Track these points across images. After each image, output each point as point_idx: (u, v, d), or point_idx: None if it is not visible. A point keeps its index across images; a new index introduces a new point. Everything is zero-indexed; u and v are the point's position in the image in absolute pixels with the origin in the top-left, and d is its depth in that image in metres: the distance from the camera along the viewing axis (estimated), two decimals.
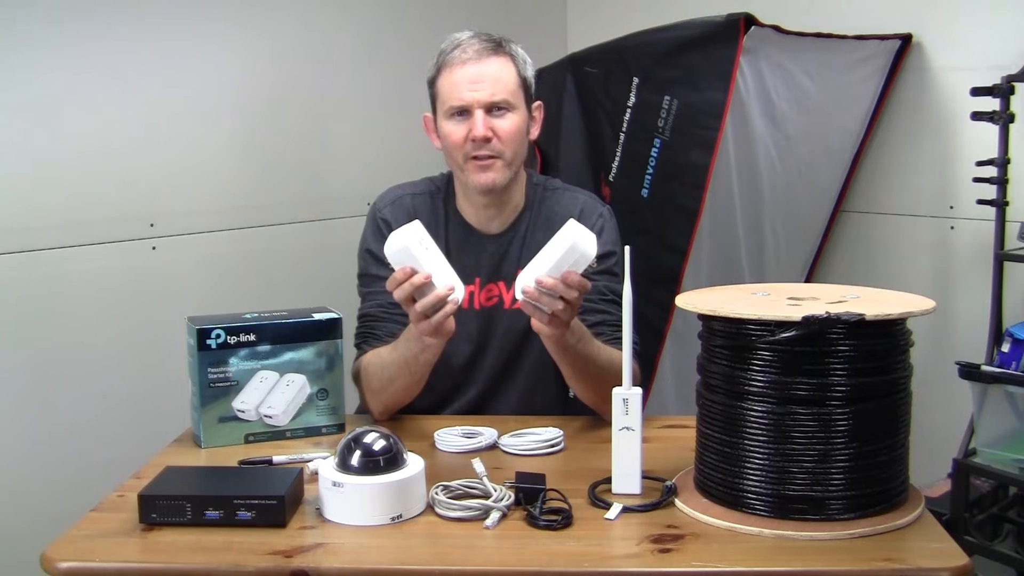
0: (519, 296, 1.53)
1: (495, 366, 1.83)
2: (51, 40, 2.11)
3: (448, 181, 1.86)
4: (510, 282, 1.81)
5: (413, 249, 1.51)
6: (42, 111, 2.12)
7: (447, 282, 1.54)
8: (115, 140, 2.23)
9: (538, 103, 1.83)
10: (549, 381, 1.84)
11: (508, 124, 1.73)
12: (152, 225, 2.31)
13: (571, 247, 1.49)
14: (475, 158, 1.73)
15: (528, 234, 1.82)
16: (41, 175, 2.12)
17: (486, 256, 1.82)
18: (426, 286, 1.52)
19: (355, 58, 2.71)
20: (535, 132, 1.84)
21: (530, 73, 1.80)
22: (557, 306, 1.51)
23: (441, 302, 1.53)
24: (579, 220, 1.81)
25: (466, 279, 1.82)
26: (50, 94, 2.12)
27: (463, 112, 1.73)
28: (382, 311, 1.81)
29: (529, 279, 1.51)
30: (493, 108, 1.73)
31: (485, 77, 1.72)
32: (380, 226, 1.83)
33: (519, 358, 1.83)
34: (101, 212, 2.22)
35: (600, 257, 1.81)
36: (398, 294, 1.53)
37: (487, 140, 1.72)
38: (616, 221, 1.88)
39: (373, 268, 1.83)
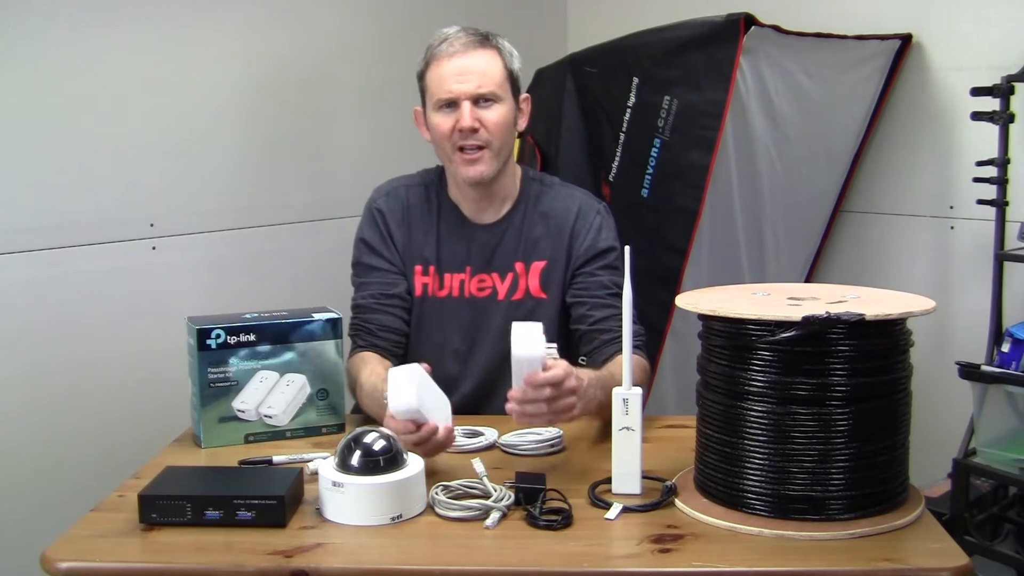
0: (516, 420, 1.49)
1: (492, 358, 1.84)
2: (51, 40, 2.11)
3: (442, 171, 1.89)
4: (504, 273, 1.83)
5: (420, 408, 1.45)
6: (42, 111, 2.11)
7: (440, 418, 1.49)
8: (115, 140, 2.23)
9: (525, 96, 1.86)
10: None
11: (495, 115, 1.76)
12: (152, 225, 2.31)
13: (516, 358, 1.45)
14: (462, 150, 1.76)
15: (525, 228, 1.84)
16: (41, 175, 2.12)
17: (476, 245, 1.84)
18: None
19: (355, 58, 2.71)
20: (523, 124, 1.86)
21: (517, 66, 1.82)
22: (543, 408, 1.47)
23: (431, 441, 1.48)
24: (576, 220, 1.84)
25: (457, 267, 1.84)
26: (50, 94, 2.12)
27: (451, 104, 1.76)
28: (375, 302, 1.83)
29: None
30: (480, 100, 1.75)
31: (472, 69, 1.75)
32: (375, 216, 1.87)
33: None
34: (101, 212, 2.22)
35: (602, 252, 1.83)
36: (403, 438, 1.46)
37: (474, 131, 1.75)
38: (613, 218, 1.90)
39: (366, 257, 1.86)
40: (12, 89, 2.07)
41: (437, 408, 1.51)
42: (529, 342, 1.46)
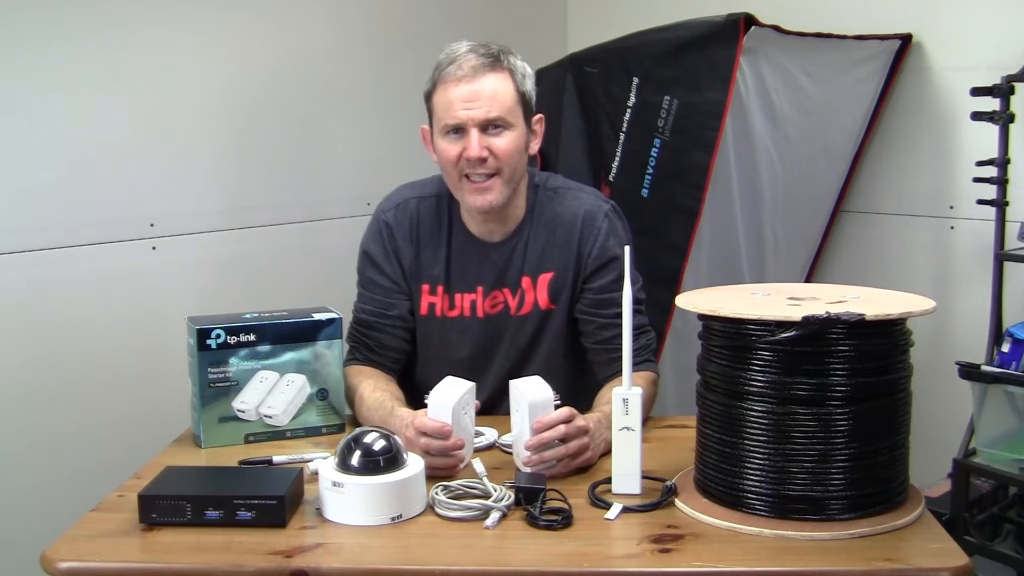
0: (529, 471, 1.48)
1: (501, 372, 1.83)
2: (50, 40, 2.11)
3: None
4: (515, 289, 1.81)
5: (455, 413, 1.50)
6: (42, 111, 2.11)
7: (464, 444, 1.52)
8: (114, 140, 2.23)
9: (539, 116, 1.79)
10: (555, 384, 1.84)
11: (505, 142, 1.69)
12: (152, 225, 2.31)
13: (531, 405, 1.48)
14: (470, 178, 1.70)
15: (531, 239, 1.80)
16: (41, 175, 2.12)
17: (488, 264, 1.81)
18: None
19: (354, 58, 2.71)
20: (535, 147, 1.79)
21: (529, 86, 1.75)
22: (560, 450, 1.48)
23: (451, 455, 1.50)
24: (582, 228, 1.79)
25: (468, 287, 1.81)
26: (50, 94, 2.12)
27: (458, 130, 1.69)
28: (375, 320, 1.82)
29: (522, 453, 1.49)
30: (489, 126, 1.68)
31: (481, 95, 1.67)
32: (381, 228, 1.83)
33: (525, 362, 1.82)
34: (101, 212, 2.22)
35: (611, 261, 1.79)
36: (423, 440, 1.48)
37: (483, 160, 1.68)
38: (623, 218, 1.85)
39: (368, 270, 1.84)
40: (13, 90, 2.07)
41: (464, 435, 1.52)
42: (536, 388, 1.50)
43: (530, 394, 1.49)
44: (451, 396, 1.50)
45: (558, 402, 1.50)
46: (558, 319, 1.81)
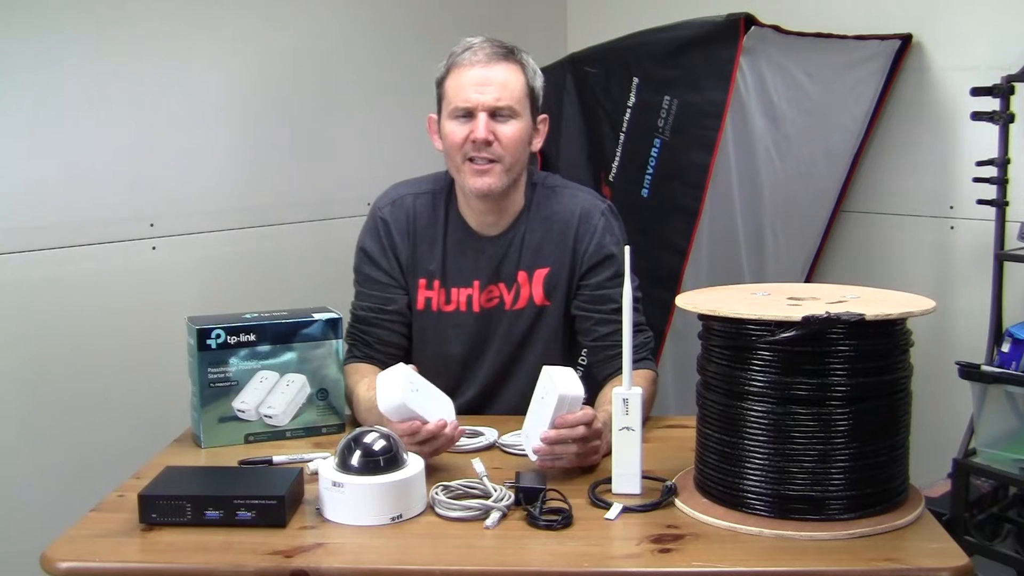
0: (533, 458, 1.48)
1: (494, 367, 1.84)
2: (51, 40, 2.11)
3: (452, 181, 1.85)
4: (511, 283, 1.82)
5: (410, 404, 1.48)
6: (42, 111, 2.11)
7: (441, 417, 1.51)
8: (115, 140, 2.23)
9: (543, 116, 1.82)
10: None
11: (510, 130, 1.72)
12: (152, 225, 2.31)
13: (561, 398, 1.45)
14: (472, 161, 1.73)
15: (527, 235, 1.82)
16: (41, 175, 2.12)
17: (484, 258, 1.82)
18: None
19: (355, 58, 2.71)
20: (537, 144, 1.81)
21: (539, 84, 1.78)
22: (571, 449, 1.48)
23: (439, 438, 1.50)
24: (579, 225, 1.81)
25: (465, 281, 1.82)
26: (50, 94, 2.12)
27: (467, 114, 1.72)
28: (373, 316, 1.82)
29: (535, 440, 1.48)
30: (497, 113, 1.72)
31: (493, 81, 1.71)
32: (378, 225, 1.84)
33: (519, 358, 1.83)
34: (101, 212, 2.22)
35: (607, 259, 1.80)
36: (407, 440, 1.48)
37: (488, 143, 1.71)
38: (619, 218, 1.86)
39: (366, 267, 1.84)
40: (13, 90, 2.07)
41: (436, 406, 1.52)
42: (570, 383, 1.48)
43: (563, 386, 1.46)
44: (395, 396, 1.47)
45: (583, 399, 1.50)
46: (553, 316, 1.82)
